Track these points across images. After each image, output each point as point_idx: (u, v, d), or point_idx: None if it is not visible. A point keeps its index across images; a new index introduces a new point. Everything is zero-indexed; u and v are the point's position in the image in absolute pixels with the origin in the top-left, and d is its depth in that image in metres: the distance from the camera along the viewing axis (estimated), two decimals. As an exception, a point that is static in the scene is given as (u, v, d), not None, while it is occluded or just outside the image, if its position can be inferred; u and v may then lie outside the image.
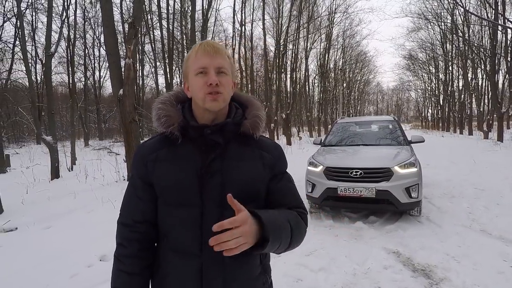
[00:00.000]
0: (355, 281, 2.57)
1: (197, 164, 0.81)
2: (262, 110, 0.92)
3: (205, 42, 0.83)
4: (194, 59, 0.81)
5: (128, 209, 0.88)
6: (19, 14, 9.94)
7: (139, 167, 0.86)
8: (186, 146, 0.83)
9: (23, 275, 2.75)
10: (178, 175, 0.81)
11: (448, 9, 20.61)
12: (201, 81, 0.79)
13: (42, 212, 4.77)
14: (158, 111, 0.85)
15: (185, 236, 0.81)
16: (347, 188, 3.90)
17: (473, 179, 6.29)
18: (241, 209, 0.68)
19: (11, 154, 13.97)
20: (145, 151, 0.86)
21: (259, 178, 0.86)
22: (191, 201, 0.80)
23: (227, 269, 0.81)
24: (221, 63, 0.80)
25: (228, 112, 0.88)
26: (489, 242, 3.21)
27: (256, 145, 0.89)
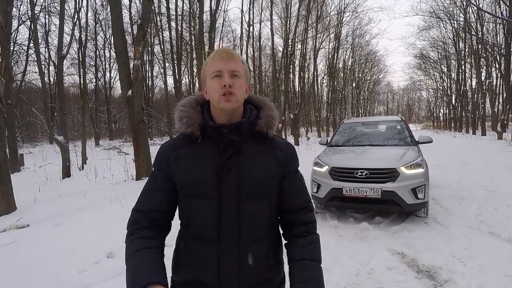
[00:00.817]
0: (358, 282, 2.57)
1: (215, 160, 0.88)
2: (275, 110, 0.99)
3: (221, 49, 0.92)
4: (210, 64, 0.89)
5: (145, 197, 0.93)
6: (33, 17, 10.24)
7: (161, 162, 0.93)
8: (205, 144, 0.90)
9: (34, 270, 2.84)
10: (198, 170, 0.88)
11: (461, 7, 20.19)
12: (216, 83, 0.87)
13: (53, 210, 4.91)
14: (180, 113, 0.92)
15: (205, 224, 0.88)
16: (352, 189, 3.88)
17: (484, 180, 6.15)
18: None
19: (25, 154, 14.37)
20: (168, 148, 0.93)
21: (272, 176, 0.93)
22: (210, 194, 0.87)
23: (243, 257, 0.88)
24: (235, 66, 0.88)
25: (244, 113, 0.95)
26: (497, 245, 3.15)
27: (269, 144, 0.96)
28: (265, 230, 0.93)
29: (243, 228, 0.88)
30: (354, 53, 30.39)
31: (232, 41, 25.67)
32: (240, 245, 0.87)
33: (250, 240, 0.89)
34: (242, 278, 0.88)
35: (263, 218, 0.92)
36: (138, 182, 6.93)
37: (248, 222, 0.88)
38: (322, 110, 30.77)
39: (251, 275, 0.89)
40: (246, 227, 0.88)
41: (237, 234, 0.87)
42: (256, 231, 0.90)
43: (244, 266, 0.88)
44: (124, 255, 0.86)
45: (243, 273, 0.88)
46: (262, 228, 0.92)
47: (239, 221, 0.87)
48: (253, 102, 0.99)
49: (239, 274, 0.87)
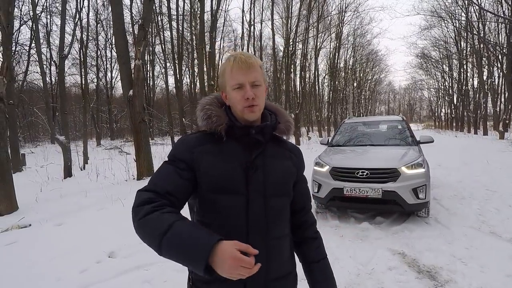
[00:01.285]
0: (359, 282, 2.57)
1: (241, 159, 0.91)
2: (290, 117, 1.06)
3: (238, 57, 0.90)
4: (230, 74, 0.91)
5: (162, 180, 0.88)
6: (35, 17, 10.26)
7: (184, 153, 0.91)
8: (230, 143, 0.92)
9: (36, 269, 2.85)
10: (226, 167, 0.89)
11: (463, 6, 20.12)
12: (238, 95, 0.90)
13: (54, 210, 4.93)
14: (207, 111, 0.93)
15: (233, 219, 0.89)
16: (353, 189, 3.88)
17: (485, 180, 6.14)
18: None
19: (27, 154, 14.42)
20: (192, 141, 0.93)
21: (291, 176, 1.01)
22: (239, 191, 0.89)
23: (269, 252, 0.91)
24: (255, 76, 0.90)
25: (262, 116, 0.98)
26: (498, 245, 3.14)
27: (285, 147, 1.04)
28: (286, 226, 1.00)
29: (270, 224, 0.91)
30: (355, 53, 30.32)
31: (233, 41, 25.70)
32: (268, 240, 0.90)
33: (276, 235, 0.93)
34: (268, 273, 0.90)
35: (286, 215, 0.99)
36: (139, 182, 6.95)
37: (273, 219, 0.92)
38: (323, 110, 30.73)
39: (276, 269, 0.93)
40: (272, 223, 0.92)
41: (265, 230, 0.90)
42: (280, 227, 0.96)
43: (271, 261, 0.91)
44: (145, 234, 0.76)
45: (270, 267, 0.90)
46: (284, 224, 0.98)
47: (267, 217, 0.90)
48: (267, 107, 1.03)
49: (266, 269, 0.89)
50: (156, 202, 0.81)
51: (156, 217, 0.76)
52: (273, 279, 0.93)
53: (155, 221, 0.76)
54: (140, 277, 2.68)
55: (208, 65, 13.59)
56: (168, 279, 2.63)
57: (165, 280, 2.62)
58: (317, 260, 1.05)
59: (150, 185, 0.88)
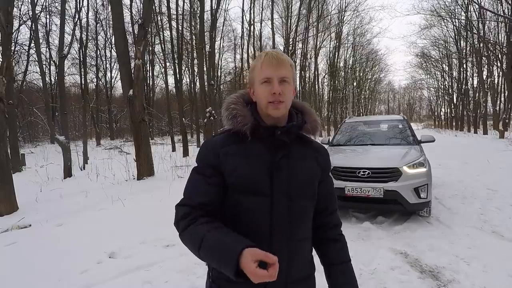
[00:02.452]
0: (361, 282, 2.55)
1: (266, 160, 0.90)
2: (318, 117, 1.03)
3: (270, 53, 0.92)
4: (259, 70, 0.90)
5: (194, 191, 0.91)
6: (34, 17, 10.24)
7: (210, 157, 0.91)
8: (255, 143, 0.91)
9: (36, 270, 2.84)
10: (251, 168, 0.88)
11: (462, 5, 20.12)
12: (265, 90, 0.88)
13: (54, 210, 4.91)
14: (233, 111, 0.92)
15: (256, 220, 0.88)
16: (354, 188, 3.87)
17: (486, 179, 6.13)
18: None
19: (26, 154, 14.40)
20: (217, 144, 0.92)
21: (315, 177, 0.99)
22: (263, 192, 0.88)
23: (291, 254, 0.91)
24: (284, 73, 0.89)
25: (289, 116, 0.96)
26: (500, 244, 3.13)
27: (311, 147, 1.01)
28: (309, 228, 0.99)
29: (293, 226, 0.91)
30: (355, 52, 30.33)
31: (233, 41, 25.68)
32: (290, 242, 0.90)
33: (298, 237, 0.93)
34: (289, 275, 0.90)
35: (309, 217, 0.98)
36: (139, 181, 6.93)
37: (297, 221, 0.92)
38: (323, 110, 30.72)
39: (297, 271, 0.93)
40: (295, 225, 0.92)
41: (288, 232, 0.90)
42: (303, 229, 0.95)
43: (292, 262, 0.91)
44: (188, 247, 0.84)
45: (291, 269, 0.90)
46: (307, 226, 0.97)
47: (290, 218, 0.90)
48: (294, 106, 1.01)
49: (288, 270, 0.89)
50: (191, 216, 0.86)
51: (191, 231, 0.84)
52: (293, 281, 0.92)
53: (191, 235, 0.84)
54: (141, 278, 2.67)
55: (208, 64, 13.57)
56: (169, 279, 2.62)
57: (166, 281, 2.60)
58: (339, 262, 1.03)
59: (184, 199, 0.92)
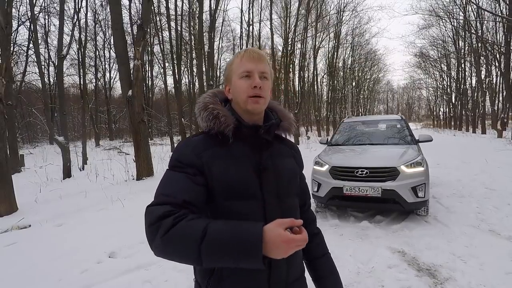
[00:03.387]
0: (359, 280, 2.58)
1: (252, 161, 0.87)
2: (292, 115, 1.04)
3: (250, 49, 0.90)
4: (239, 63, 0.88)
5: (179, 188, 0.78)
6: (33, 17, 10.25)
7: (191, 158, 0.83)
8: (238, 145, 0.87)
9: (36, 270, 2.85)
10: (240, 172, 0.84)
11: (460, 5, 20.18)
12: (245, 84, 0.86)
13: (54, 210, 4.92)
14: (213, 111, 0.87)
15: None
16: (352, 188, 3.89)
17: (484, 179, 6.16)
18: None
19: (25, 154, 14.39)
20: (199, 145, 0.86)
21: (297, 174, 1.00)
22: (255, 195, 0.84)
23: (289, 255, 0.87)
24: (264, 68, 0.88)
25: (265, 115, 0.95)
26: (497, 243, 3.16)
27: (288, 145, 1.02)
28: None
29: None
30: (354, 52, 30.40)
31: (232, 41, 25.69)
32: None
33: None
34: (289, 276, 0.89)
35: (297, 213, 0.98)
36: (138, 182, 6.95)
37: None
38: (322, 110, 30.75)
39: (295, 270, 0.93)
40: None
41: None
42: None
43: (291, 263, 0.90)
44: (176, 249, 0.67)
45: (290, 269, 0.90)
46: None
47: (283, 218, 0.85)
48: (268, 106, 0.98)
49: (287, 273, 0.88)
50: (177, 213, 0.71)
51: (185, 227, 0.68)
52: (292, 281, 0.92)
53: (184, 231, 0.67)
54: (140, 277, 2.68)
55: (207, 65, 13.58)
56: (168, 278, 2.64)
57: (166, 280, 2.62)
58: (320, 255, 1.06)
59: (160, 197, 0.77)
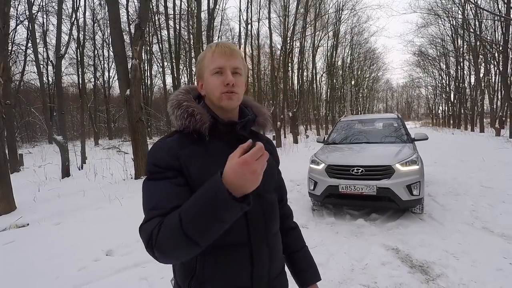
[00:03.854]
0: (353, 277, 2.62)
1: None
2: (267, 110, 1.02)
3: (222, 43, 0.87)
4: (210, 59, 0.85)
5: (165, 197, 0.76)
6: (31, 17, 10.24)
7: (167, 160, 0.80)
8: (215, 142, 0.85)
9: (34, 268, 2.88)
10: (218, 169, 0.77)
11: (459, 4, 20.19)
12: (217, 80, 0.84)
13: (52, 209, 4.95)
14: (188, 109, 0.84)
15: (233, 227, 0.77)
16: (348, 186, 3.93)
17: (481, 177, 6.20)
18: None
19: (24, 154, 14.39)
20: (174, 146, 0.82)
21: (275, 169, 1.00)
22: None
23: (271, 248, 0.89)
24: (237, 64, 0.85)
25: (240, 111, 0.93)
26: (490, 240, 3.20)
27: (263, 140, 0.99)
28: (278, 221, 0.97)
29: (268, 221, 0.89)
30: (352, 51, 30.40)
31: (231, 40, 25.66)
32: (268, 239, 0.88)
33: (273, 232, 0.91)
34: (272, 272, 0.89)
35: (277, 209, 0.97)
36: (137, 181, 6.97)
37: (269, 215, 0.90)
38: (321, 108, 30.78)
39: (277, 265, 0.92)
40: (269, 220, 0.89)
41: (264, 229, 0.87)
42: (275, 223, 0.94)
43: (273, 259, 0.90)
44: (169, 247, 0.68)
45: (273, 265, 0.89)
46: (277, 219, 0.96)
47: (264, 216, 0.87)
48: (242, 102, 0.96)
49: (270, 269, 0.88)
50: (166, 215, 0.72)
51: (166, 225, 0.69)
52: (274, 277, 0.91)
53: (167, 229, 0.69)
54: (137, 275, 2.72)
55: (205, 64, 13.54)
56: (164, 276, 2.67)
57: (162, 277, 2.66)
58: (299, 249, 1.07)
59: (149, 213, 0.76)
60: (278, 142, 15.31)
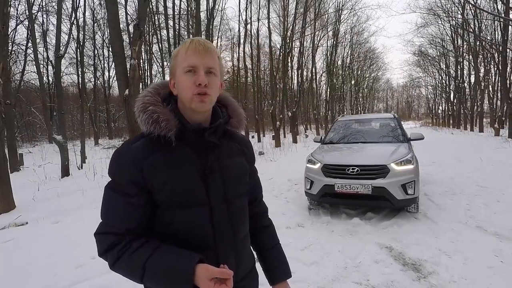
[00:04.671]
0: (346, 274, 2.65)
1: (197, 165, 0.82)
2: (241, 108, 0.98)
3: (196, 39, 0.82)
4: (184, 56, 0.80)
5: (119, 217, 0.79)
6: (30, 17, 10.27)
7: (131, 173, 0.78)
8: (182, 149, 0.82)
9: (32, 266, 2.93)
10: (184, 179, 0.80)
11: (458, 4, 20.20)
12: (189, 80, 0.79)
13: (51, 208, 4.99)
14: (153, 114, 0.80)
15: (198, 233, 0.82)
16: (344, 185, 3.96)
17: (477, 176, 6.23)
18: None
19: (25, 153, 14.44)
20: (137, 155, 0.79)
21: (246, 172, 0.97)
22: (200, 202, 0.82)
23: (238, 255, 0.91)
24: (211, 63, 0.80)
25: (213, 112, 0.89)
26: (483, 238, 3.23)
27: (237, 142, 0.97)
28: (247, 223, 0.97)
29: (235, 227, 0.89)
30: (352, 51, 30.41)
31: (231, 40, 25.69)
32: (235, 244, 0.88)
33: (241, 237, 0.91)
34: (237, 275, 0.88)
35: (246, 214, 0.96)
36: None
37: (237, 221, 0.90)
38: (321, 108, 30.80)
39: (244, 268, 0.93)
40: (237, 225, 0.89)
41: (231, 235, 0.87)
42: (243, 227, 0.94)
43: (240, 262, 0.91)
44: (126, 276, 0.77)
45: (239, 269, 0.90)
46: (246, 223, 0.96)
47: (231, 221, 0.87)
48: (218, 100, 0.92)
49: (237, 271, 0.87)
50: (120, 245, 0.77)
51: (127, 262, 0.75)
52: (243, 275, 0.92)
53: (128, 266, 0.75)
54: (134, 272, 2.75)
55: (205, 64, 13.57)
56: (161, 273, 2.71)
57: (158, 275, 2.69)
58: (271, 246, 1.06)
59: (104, 225, 0.80)
60: (277, 142, 15.35)
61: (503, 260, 2.72)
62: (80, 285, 2.59)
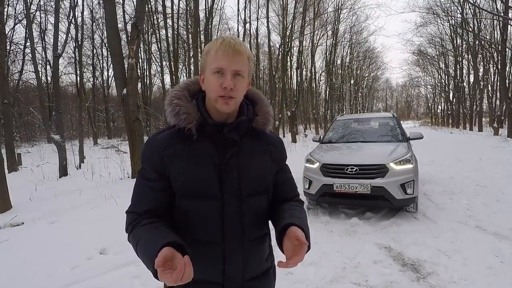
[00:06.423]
0: (344, 275, 2.63)
1: (215, 160, 0.84)
2: (270, 106, 0.98)
3: (227, 40, 0.82)
4: (213, 56, 0.81)
5: (140, 199, 0.87)
6: (28, 16, 10.21)
7: (153, 160, 0.86)
8: (203, 142, 0.85)
9: (27, 266, 2.89)
10: (199, 171, 0.83)
11: (458, 3, 20.18)
12: (216, 81, 0.81)
13: (48, 208, 4.95)
14: (176, 107, 0.85)
15: (207, 226, 0.85)
16: (342, 185, 3.93)
17: (476, 176, 6.22)
18: (302, 241, 0.79)
19: (23, 153, 14.37)
20: (160, 145, 0.86)
21: (268, 171, 0.95)
22: (213, 194, 0.84)
23: (246, 255, 0.89)
24: (239, 66, 0.81)
25: (240, 108, 0.90)
26: (483, 238, 3.21)
27: (264, 140, 0.96)
28: (264, 225, 0.96)
29: (246, 226, 0.88)
30: (352, 50, 30.39)
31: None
32: (244, 244, 0.88)
33: (252, 237, 0.90)
34: (246, 274, 0.90)
35: (263, 213, 0.94)
36: (133, 179, 6.97)
37: (250, 220, 0.89)
38: (320, 108, 30.78)
39: (253, 269, 0.92)
40: (249, 224, 0.89)
41: (241, 233, 0.87)
42: (257, 227, 0.92)
43: (248, 263, 0.90)
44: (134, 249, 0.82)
45: (247, 269, 0.90)
46: (262, 223, 0.94)
47: (242, 219, 0.87)
48: (246, 95, 0.93)
49: (243, 271, 0.89)
50: (134, 222, 0.85)
51: (133, 235, 0.83)
52: (249, 279, 0.91)
53: (132, 238, 0.83)
54: (130, 273, 2.72)
55: (203, 63, 13.53)
56: (157, 274, 2.68)
57: (154, 276, 2.66)
58: (288, 208, 0.94)
59: (132, 205, 0.89)
60: (277, 141, 15.28)
61: (502, 260, 2.70)
62: (75, 286, 2.55)
